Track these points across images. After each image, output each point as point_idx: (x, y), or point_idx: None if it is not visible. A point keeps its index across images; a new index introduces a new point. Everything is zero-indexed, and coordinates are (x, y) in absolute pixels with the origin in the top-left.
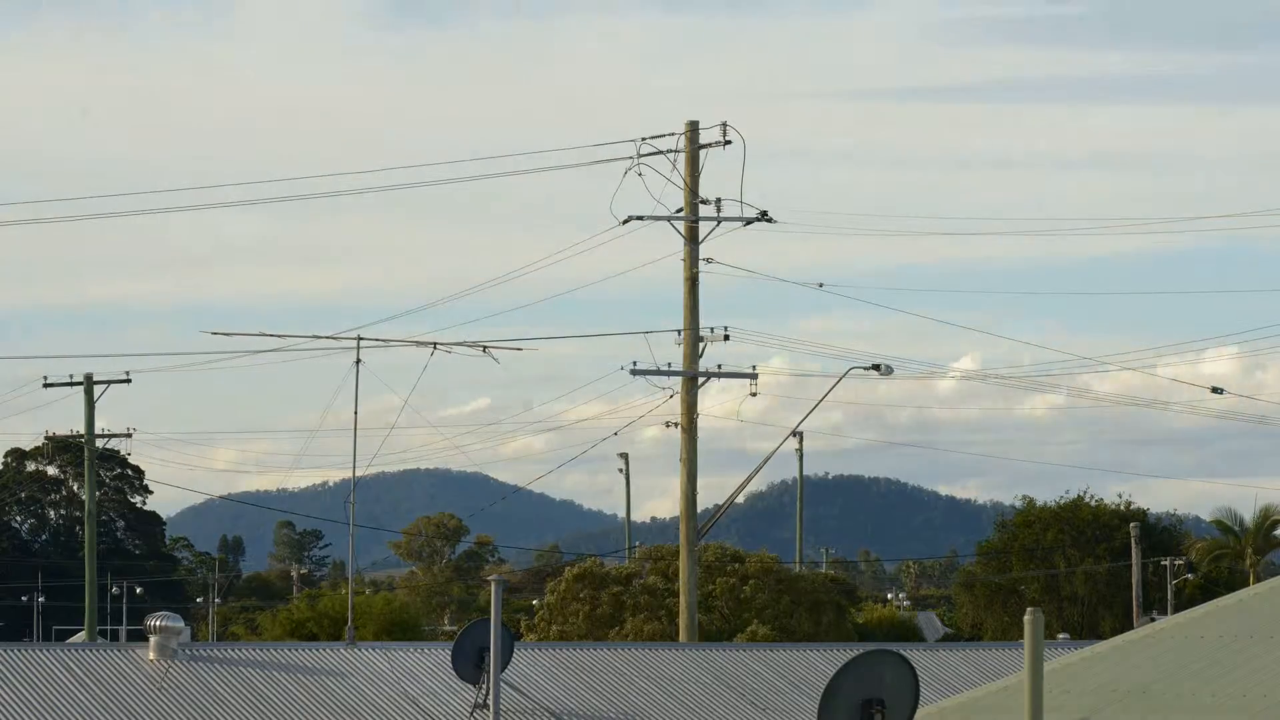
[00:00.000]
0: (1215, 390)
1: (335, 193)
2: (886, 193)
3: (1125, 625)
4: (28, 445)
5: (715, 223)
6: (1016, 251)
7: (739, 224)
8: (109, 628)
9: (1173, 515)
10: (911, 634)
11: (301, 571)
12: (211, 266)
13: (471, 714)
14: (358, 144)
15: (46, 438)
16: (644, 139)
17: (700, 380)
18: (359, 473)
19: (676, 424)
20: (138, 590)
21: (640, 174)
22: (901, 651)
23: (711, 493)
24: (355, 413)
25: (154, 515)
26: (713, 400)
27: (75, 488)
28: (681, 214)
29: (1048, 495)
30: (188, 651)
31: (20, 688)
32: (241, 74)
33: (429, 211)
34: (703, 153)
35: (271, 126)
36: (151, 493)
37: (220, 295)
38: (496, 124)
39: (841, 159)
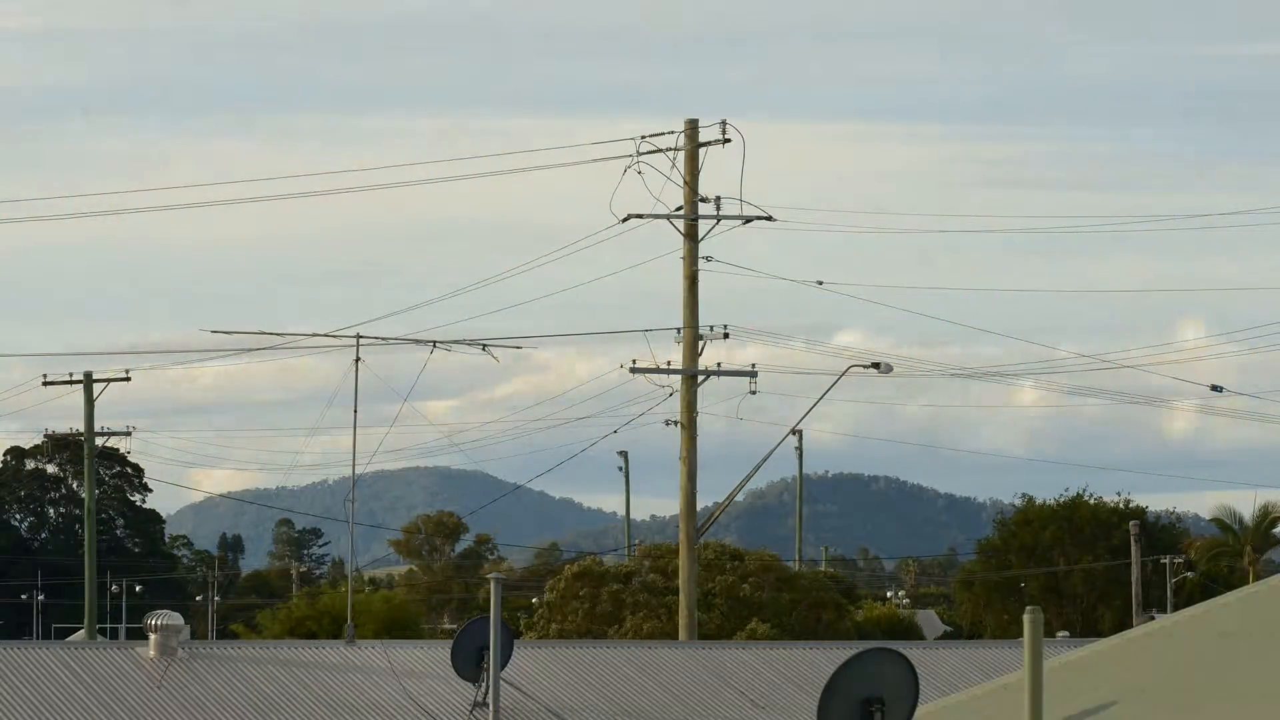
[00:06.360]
0: (1215, 389)
1: (334, 190)
2: (886, 190)
3: (1124, 623)
4: (27, 444)
5: (715, 221)
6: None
7: (738, 222)
8: (108, 626)
9: (1172, 513)
10: (911, 632)
11: (301, 569)
12: (210, 263)
13: (471, 712)
14: (356, 140)
15: (46, 436)
16: (644, 137)
17: (700, 378)
18: (358, 471)
19: (676, 422)
20: (137, 588)
21: (640, 172)
22: (901, 650)
23: (711, 491)
24: (355, 411)
25: (153, 513)
26: (712, 398)
27: (75, 486)
28: (681, 212)
29: (1047, 493)
30: (187, 649)
31: (20, 686)
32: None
33: (428, 209)
34: (702, 151)
35: (270, 120)
36: (151, 490)
37: (220, 293)
38: (497, 121)
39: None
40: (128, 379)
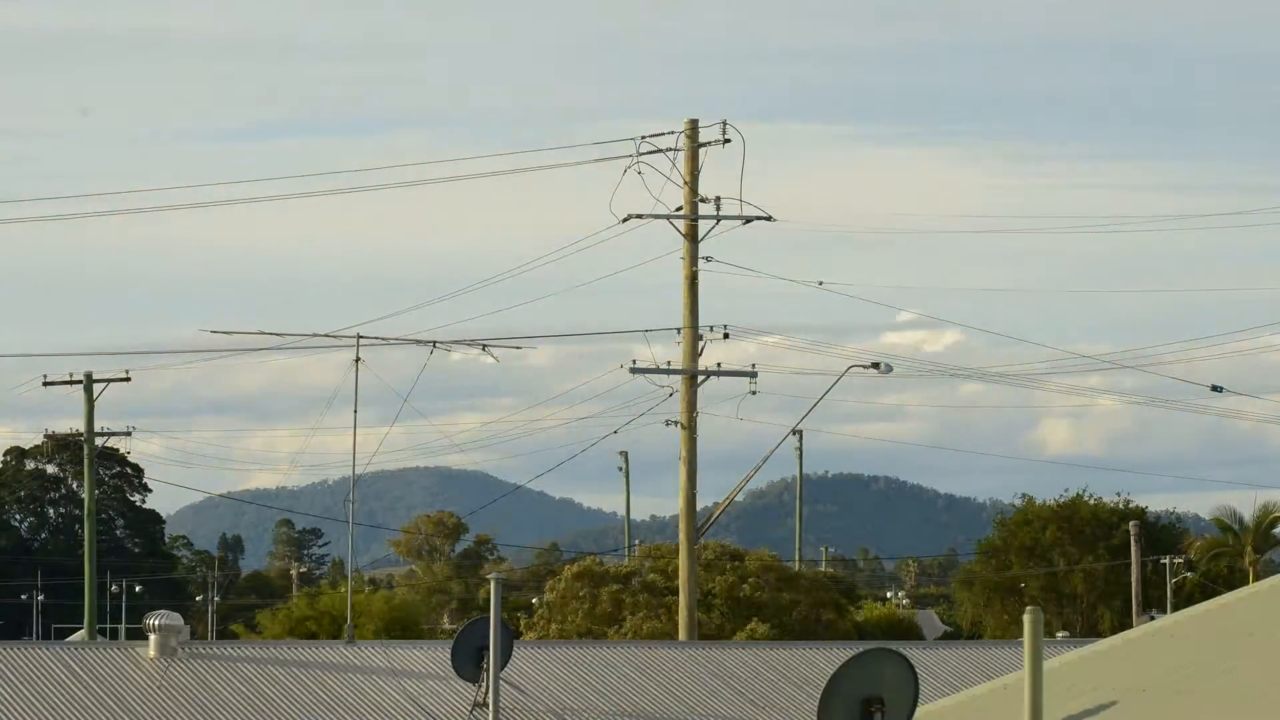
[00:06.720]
0: (1215, 389)
1: (335, 190)
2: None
3: (1125, 623)
4: (27, 444)
5: (715, 221)
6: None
7: (738, 222)
8: (108, 626)
9: (1171, 513)
10: (911, 632)
11: (301, 570)
12: (210, 263)
13: (471, 712)
14: (354, 141)
15: (46, 436)
16: (644, 137)
17: (700, 378)
18: (358, 471)
19: (676, 422)
20: (137, 588)
21: (640, 172)
22: (901, 650)
23: (711, 491)
24: (355, 411)
25: (153, 513)
26: (712, 398)
27: (75, 486)
28: (681, 212)
29: (1047, 493)
30: (187, 650)
31: (20, 686)
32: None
33: (429, 208)
34: (702, 151)
35: (270, 119)
36: (151, 491)
37: (220, 293)
38: (497, 120)
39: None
40: (128, 379)
